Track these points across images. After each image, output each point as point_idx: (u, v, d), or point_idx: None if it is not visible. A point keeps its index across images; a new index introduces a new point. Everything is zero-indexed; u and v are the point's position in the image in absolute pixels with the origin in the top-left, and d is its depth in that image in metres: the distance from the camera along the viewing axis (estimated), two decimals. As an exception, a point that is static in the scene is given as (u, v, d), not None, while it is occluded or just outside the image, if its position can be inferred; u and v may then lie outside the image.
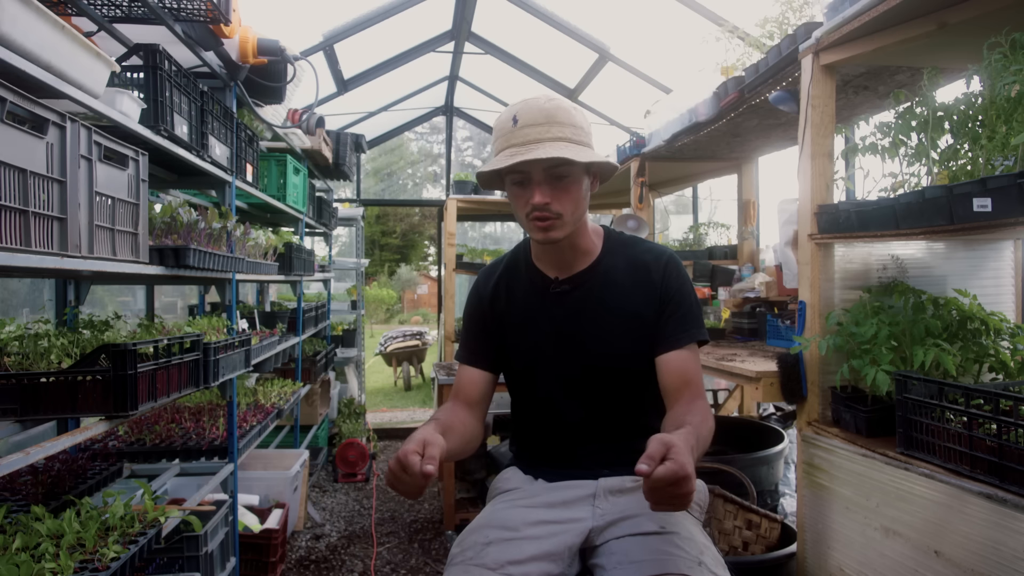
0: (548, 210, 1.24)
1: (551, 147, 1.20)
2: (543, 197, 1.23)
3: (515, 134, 1.24)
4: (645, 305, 1.33)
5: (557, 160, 1.21)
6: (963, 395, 1.45)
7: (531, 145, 1.22)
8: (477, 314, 1.46)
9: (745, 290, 3.15)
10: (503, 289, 1.43)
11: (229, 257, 2.13)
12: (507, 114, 1.27)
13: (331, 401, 4.58)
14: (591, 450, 1.36)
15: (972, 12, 1.57)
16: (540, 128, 1.22)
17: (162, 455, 2.16)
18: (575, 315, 1.35)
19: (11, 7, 1.08)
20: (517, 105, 1.27)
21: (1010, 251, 2.17)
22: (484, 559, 1.18)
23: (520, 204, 1.28)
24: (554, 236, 1.27)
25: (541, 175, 1.23)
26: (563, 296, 1.36)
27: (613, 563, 1.17)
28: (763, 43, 2.72)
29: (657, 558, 1.13)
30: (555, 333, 1.36)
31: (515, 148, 1.23)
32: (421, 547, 3.08)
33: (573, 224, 1.28)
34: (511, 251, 1.51)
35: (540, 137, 1.22)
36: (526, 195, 1.26)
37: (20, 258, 1.11)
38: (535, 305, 1.38)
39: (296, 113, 3.14)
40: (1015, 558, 1.31)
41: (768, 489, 2.62)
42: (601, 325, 1.33)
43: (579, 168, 1.25)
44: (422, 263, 24.66)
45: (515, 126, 1.24)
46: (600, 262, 1.37)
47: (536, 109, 1.24)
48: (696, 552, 1.15)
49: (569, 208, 1.26)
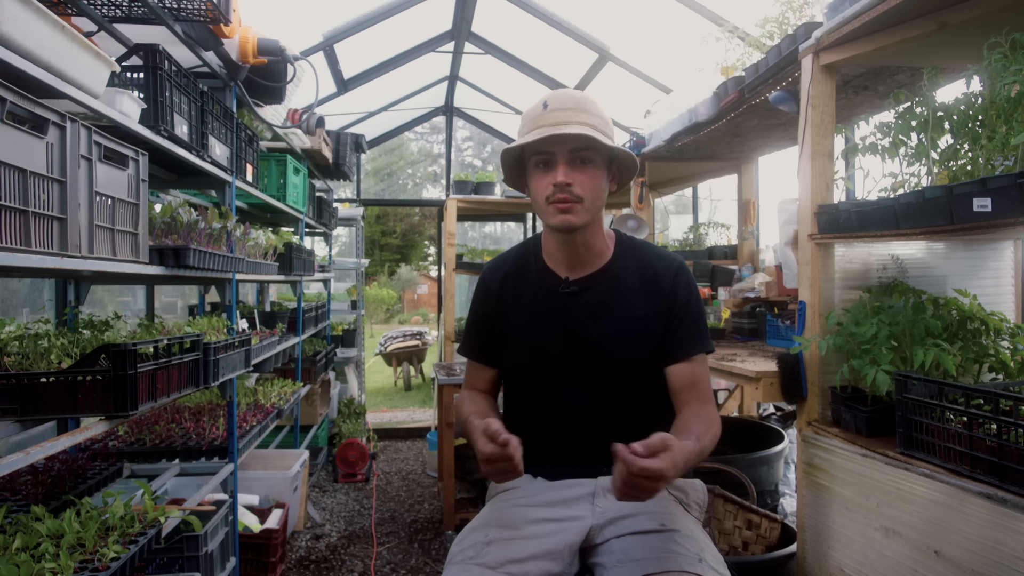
0: (570, 192, 1.24)
1: (579, 128, 1.22)
2: (566, 176, 1.24)
3: (544, 116, 1.25)
4: (653, 312, 1.34)
5: (584, 140, 1.22)
6: (963, 395, 1.45)
7: (559, 125, 1.23)
8: (484, 309, 1.46)
9: (745, 290, 3.15)
10: (511, 285, 1.43)
11: (229, 257, 2.13)
12: (537, 102, 1.30)
13: (331, 401, 4.57)
14: (591, 449, 1.35)
15: (972, 12, 1.57)
16: (569, 112, 1.24)
17: (162, 455, 2.16)
18: (583, 317, 1.35)
19: (11, 7, 1.07)
20: (547, 94, 1.29)
21: (1010, 251, 2.17)
22: (484, 558, 1.18)
23: (541, 187, 1.28)
24: (572, 221, 1.26)
25: (566, 156, 1.24)
26: (572, 297, 1.36)
27: (613, 561, 1.17)
28: (763, 43, 2.72)
29: (658, 556, 1.14)
30: (561, 333, 1.35)
31: (543, 128, 1.24)
32: (421, 547, 3.08)
33: (591, 214, 1.28)
34: (519, 246, 1.49)
35: (569, 120, 1.24)
36: (549, 177, 1.26)
37: (20, 258, 1.11)
38: (543, 303, 1.38)
39: (296, 113, 3.13)
40: (1015, 558, 1.31)
41: (768, 489, 2.62)
42: (607, 329, 1.33)
43: (602, 158, 1.27)
44: (422, 263, 24.64)
45: (545, 110, 1.26)
46: (612, 266, 1.37)
47: (566, 96, 1.27)
48: (696, 550, 1.15)
49: (590, 194, 1.26)
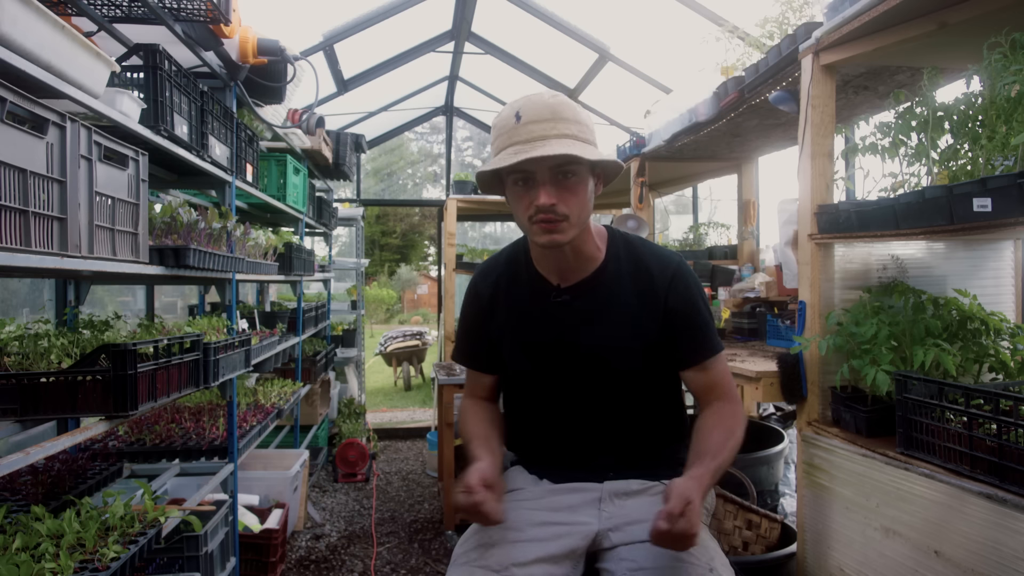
0: (554, 211, 1.16)
1: (557, 144, 1.13)
2: (549, 198, 1.15)
3: (518, 131, 1.16)
4: (648, 317, 1.29)
5: (565, 158, 1.13)
6: (963, 395, 1.45)
7: (536, 142, 1.14)
8: (476, 316, 1.42)
9: (745, 290, 3.15)
10: (502, 292, 1.38)
11: (229, 257, 2.13)
12: (508, 111, 1.19)
13: (331, 401, 4.57)
14: (595, 454, 1.34)
15: (972, 12, 1.57)
16: (545, 124, 1.15)
17: (162, 455, 2.16)
18: (576, 325, 1.31)
19: (11, 7, 1.07)
20: (519, 101, 1.18)
21: (1010, 251, 2.17)
22: (487, 560, 1.17)
23: (523, 206, 1.20)
24: (559, 240, 1.19)
25: (547, 174, 1.16)
26: (564, 306, 1.32)
27: (623, 569, 1.16)
28: (763, 43, 2.72)
29: (670, 564, 1.13)
30: (556, 342, 1.32)
31: (519, 146, 1.15)
32: (421, 547, 3.08)
33: (579, 227, 1.21)
34: (509, 249, 1.43)
35: (545, 134, 1.14)
36: (529, 196, 1.18)
37: (20, 258, 1.11)
38: (536, 312, 1.34)
39: (296, 113, 3.13)
40: (1015, 558, 1.31)
41: (768, 489, 2.62)
42: (602, 336, 1.30)
43: (585, 168, 1.19)
44: (422, 263, 24.65)
45: (518, 123, 1.16)
46: (604, 269, 1.31)
47: (540, 105, 1.16)
48: (707, 559, 1.14)
49: (576, 210, 1.18)
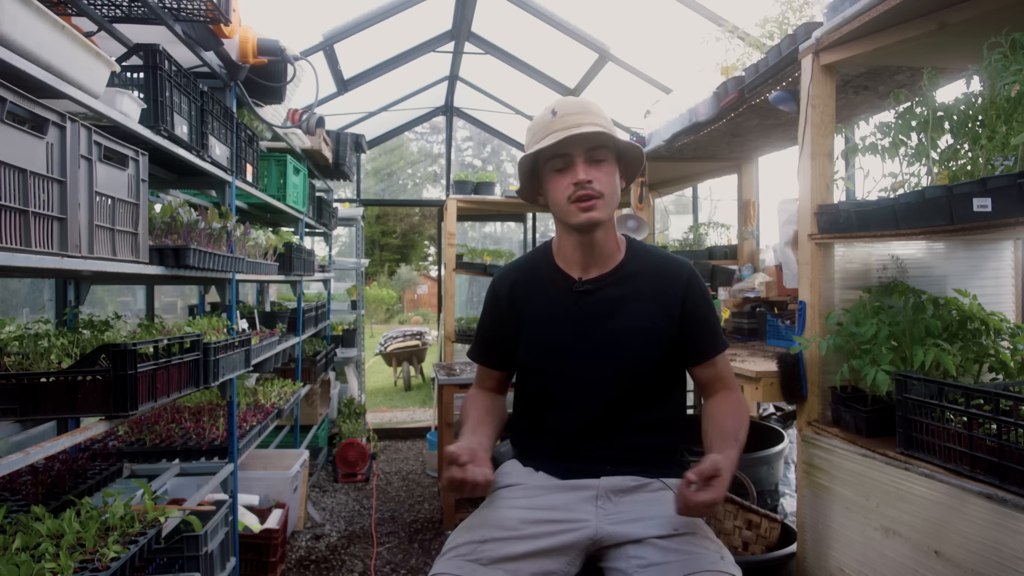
0: (591, 188, 1.30)
1: (592, 128, 1.28)
2: (587, 173, 1.30)
3: (555, 122, 1.31)
4: (662, 315, 1.37)
5: (601, 138, 1.30)
6: (963, 395, 1.45)
7: (572, 128, 1.28)
8: (493, 316, 1.50)
9: (745, 290, 3.15)
10: (520, 289, 1.46)
11: (229, 257, 2.13)
12: (544, 110, 1.36)
13: (331, 401, 4.57)
14: (595, 447, 1.37)
15: (972, 12, 1.57)
16: (579, 116, 1.31)
17: (162, 455, 2.15)
18: (594, 316, 1.38)
19: (11, 7, 1.07)
20: (553, 102, 1.36)
21: (1010, 251, 2.17)
22: (478, 555, 1.19)
23: (561, 187, 1.33)
24: (596, 217, 1.31)
25: (583, 156, 1.31)
26: (585, 296, 1.39)
27: (634, 566, 1.19)
28: (763, 43, 2.72)
29: (682, 559, 1.16)
30: (573, 332, 1.38)
31: (556, 133, 1.29)
32: (421, 547, 3.08)
33: (611, 209, 1.35)
34: (530, 253, 1.54)
35: (580, 122, 1.29)
36: (568, 177, 1.32)
37: (20, 258, 1.11)
38: (555, 304, 1.41)
39: (296, 113, 3.13)
40: (1015, 558, 1.31)
41: (768, 489, 2.62)
42: (617, 329, 1.36)
43: (613, 156, 1.35)
44: (422, 263, 24.64)
45: (554, 117, 1.32)
46: (623, 267, 1.41)
47: (573, 102, 1.34)
48: (716, 548, 1.19)
49: (609, 188, 1.33)
